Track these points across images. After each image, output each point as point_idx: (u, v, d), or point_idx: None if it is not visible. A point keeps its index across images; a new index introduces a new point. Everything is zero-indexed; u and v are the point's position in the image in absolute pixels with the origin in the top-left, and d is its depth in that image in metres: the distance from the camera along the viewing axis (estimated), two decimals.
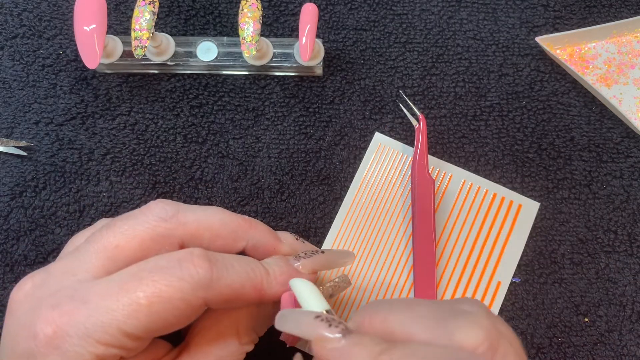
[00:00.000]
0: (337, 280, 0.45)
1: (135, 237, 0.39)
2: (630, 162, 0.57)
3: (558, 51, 0.60)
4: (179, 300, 0.36)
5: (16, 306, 0.38)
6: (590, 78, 0.59)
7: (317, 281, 0.45)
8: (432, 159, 0.56)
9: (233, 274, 0.38)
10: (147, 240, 0.39)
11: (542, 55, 0.60)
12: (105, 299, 0.36)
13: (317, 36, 0.58)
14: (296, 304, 0.39)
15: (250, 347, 0.42)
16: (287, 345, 0.42)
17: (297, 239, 0.47)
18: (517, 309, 0.54)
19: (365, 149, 0.57)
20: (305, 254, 0.43)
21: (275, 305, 0.42)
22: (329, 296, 0.45)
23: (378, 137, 0.57)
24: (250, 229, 0.43)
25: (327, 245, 0.55)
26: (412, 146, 0.57)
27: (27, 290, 0.39)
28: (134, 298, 0.36)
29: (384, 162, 0.57)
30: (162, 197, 0.55)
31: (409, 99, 0.58)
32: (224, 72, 0.59)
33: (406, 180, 0.56)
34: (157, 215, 0.40)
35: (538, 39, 0.59)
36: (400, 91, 0.58)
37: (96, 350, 0.35)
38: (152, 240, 0.39)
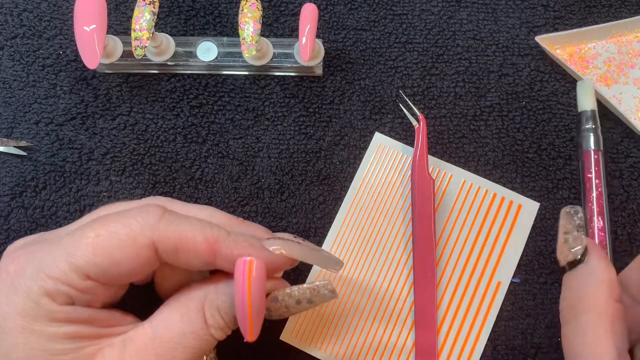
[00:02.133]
0: (317, 284, 0.43)
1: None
2: (630, 162, 0.57)
3: (558, 51, 0.60)
4: (125, 236, 0.37)
5: (2, 258, 0.40)
6: (590, 78, 0.59)
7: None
8: (432, 159, 0.56)
9: (186, 223, 0.39)
10: None
11: (542, 56, 0.60)
12: (62, 238, 0.38)
13: (317, 36, 0.58)
14: (245, 272, 0.37)
15: (217, 334, 0.41)
16: (244, 340, 0.41)
17: (295, 237, 0.45)
18: (517, 309, 0.54)
19: (365, 149, 0.57)
20: (281, 238, 0.43)
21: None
22: (308, 301, 0.43)
23: (378, 137, 0.57)
24: (239, 225, 0.44)
25: (327, 245, 0.55)
26: (412, 146, 0.57)
27: (16, 245, 0.41)
28: (84, 233, 0.37)
29: (384, 162, 0.57)
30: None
31: (409, 99, 0.58)
32: (224, 72, 0.59)
33: (406, 180, 0.56)
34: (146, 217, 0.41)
35: (538, 39, 0.59)
36: (400, 91, 0.58)
37: (45, 284, 0.36)
38: None
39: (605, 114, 0.58)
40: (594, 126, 0.56)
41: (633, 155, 0.57)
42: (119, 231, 0.37)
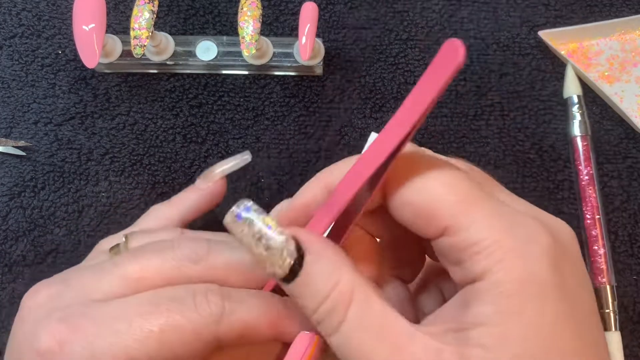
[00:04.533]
0: None
1: (161, 275, 0.38)
2: (629, 162, 0.57)
3: (561, 46, 0.59)
4: (190, 332, 0.35)
5: (26, 313, 0.38)
6: (592, 75, 0.59)
7: None
8: None
9: (246, 309, 0.37)
10: (173, 280, 0.38)
11: (543, 55, 0.59)
12: (117, 320, 0.35)
13: (317, 35, 0.57)
14: (307, 349, 0.36)
15: None
16: None
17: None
18: None
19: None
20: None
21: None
22: None
23: (374, 137, 0.57)
24: None
25: None
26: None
27: (40, 299, 0.38)
28: (146, 324, 0.35)
29: None
30: (162, 198, 0.55)
31: None
32: (224, 72, 0.59)
33: None
34: (187, 256, 0.39)
35: (541, 33, 0.59)
36: None
37: None
38: (179, 282, 0.38)
39: (605, 115, 0.58)
40: (579, 111, 0.57)
41: (632, 155, 0.57)
42: (184, 327, 0.35)
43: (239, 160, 0.50)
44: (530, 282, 0.28)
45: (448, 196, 0.30)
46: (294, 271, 0.32)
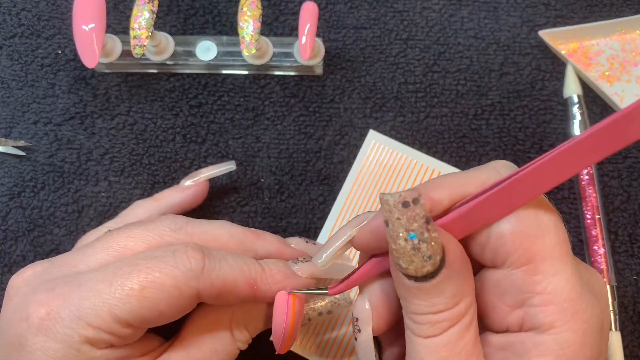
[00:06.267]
0: (338, 297, 0.45)
1: (143, 241, 0.40)
2: (629, 162, 0.57)
3: (561, 46, 0.59)
4: (172, 287, 0.37)
5: (13, 291, 0.39)
6: (593, 75, 0.59)
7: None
8: (427, 158, 0.55)
9: (226, 267, 0.39)
10: (154, 245, 0.40)
11: (544, 55, 0.59)
12: (99, 283, 0.37)
13: (317, 35, 0.57)
14: (288, 305, 0.40)
15: (243, 346, 0.43)
16: (276, 353, 0.42)
17: (307, 242, 0.47)
18: None
19: None
20: (305, 258, 0.43)
21: (269, 305, 0.42)
22: (328, 312, 0.45)
23: (372, 134, 0.56)
24: (257, 240, 0.44)
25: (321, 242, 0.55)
26: (410, 145, 0.56)
27: (26, 276, 0.40)
28: (127, 283, 0.36)
29: (379, 159, 0.56)
30: None
31: (411, 95, 0.58)
32: (224, 72, 0.59)
33: (401, 178, 0.55)
34: (167, 226, 0.41)
35: (541, 33, 0.59)
36: None
37: (86, 332, 0.36)
38: (159, 247, 0.40)
39: (606, 114, 0.58)
40: (580, 111, 0.57)
41: (632, 155, 0.57)
42: (165, 283, 0.36)
43: (224, 168, 0.54)
44: (585, 347, 0.31)
45: (550, 235, 0.31)
46: (425, 277, 0.31)
